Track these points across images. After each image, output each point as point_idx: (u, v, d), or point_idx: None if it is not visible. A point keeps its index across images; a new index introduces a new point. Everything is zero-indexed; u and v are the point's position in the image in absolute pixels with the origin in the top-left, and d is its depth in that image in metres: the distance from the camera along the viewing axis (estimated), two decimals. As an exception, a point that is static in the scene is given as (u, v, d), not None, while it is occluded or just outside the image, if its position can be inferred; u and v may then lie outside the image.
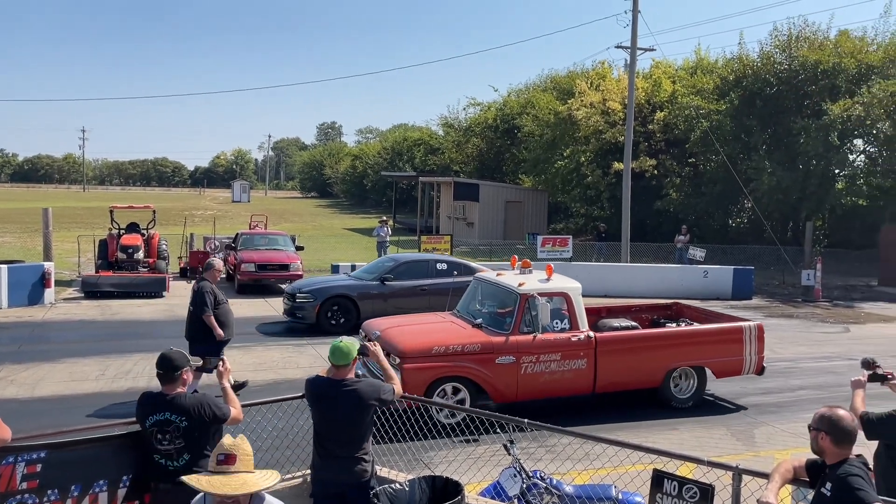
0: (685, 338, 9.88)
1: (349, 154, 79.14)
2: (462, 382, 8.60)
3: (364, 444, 4.52)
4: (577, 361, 8.97)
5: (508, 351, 8.68)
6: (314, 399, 4.61)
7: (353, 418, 4.45)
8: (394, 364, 8.44)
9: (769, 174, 25.76)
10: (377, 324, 9.83)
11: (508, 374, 8.70)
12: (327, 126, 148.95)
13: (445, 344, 8.61)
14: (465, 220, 36.18)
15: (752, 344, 9.91)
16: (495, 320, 9.21)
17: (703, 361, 9.73)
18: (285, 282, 18.96)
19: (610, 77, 35.32)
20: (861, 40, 27.15)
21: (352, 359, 4.52)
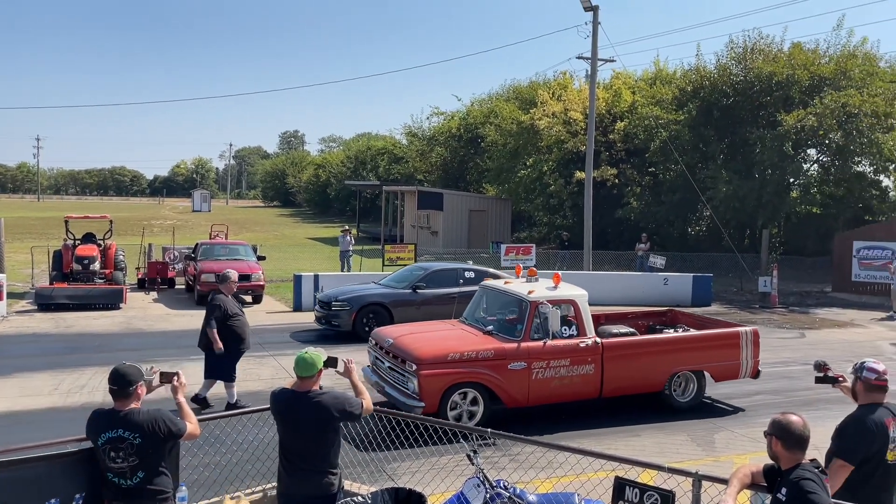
0: (687, 343, 10.21)
1: (312, 163, 78.64)
2: (476, 388, 8.77)
3: (330, 457, 4.45)
4: (585, 367, 9.21)
5: (520, 357, 8.89)
6: (279, 412, 4.54)
7: (317, 431, 4.39)
8: (410, 370, 8.62)
9: (726, 183, 26.30)
10: (388, 331, 9.96)
11: (520, 380, 8.90)
12: (290, 135, 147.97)
13: (460, 351, 8.78)
14: (429, 228, 36.18)
15: (748, 348, 10.26)
16: (505, 327, 9.42)
17: (702, 366, 10.05)
18: (246, 292, 18.74)
19: (571, 87, 35.74)
20: (814, 53, 27.93)
21: (316, 370, 4.46)
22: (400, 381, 8.87)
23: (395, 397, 8.84)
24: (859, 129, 24.90)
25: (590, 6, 22.40)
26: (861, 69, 26.28)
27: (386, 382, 9.17)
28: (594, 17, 22.70)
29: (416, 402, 8.49)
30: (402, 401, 8.64)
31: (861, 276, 22.82)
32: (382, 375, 9.35)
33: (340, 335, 14.27)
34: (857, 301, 22.00)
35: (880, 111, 25.16)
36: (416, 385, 8.50)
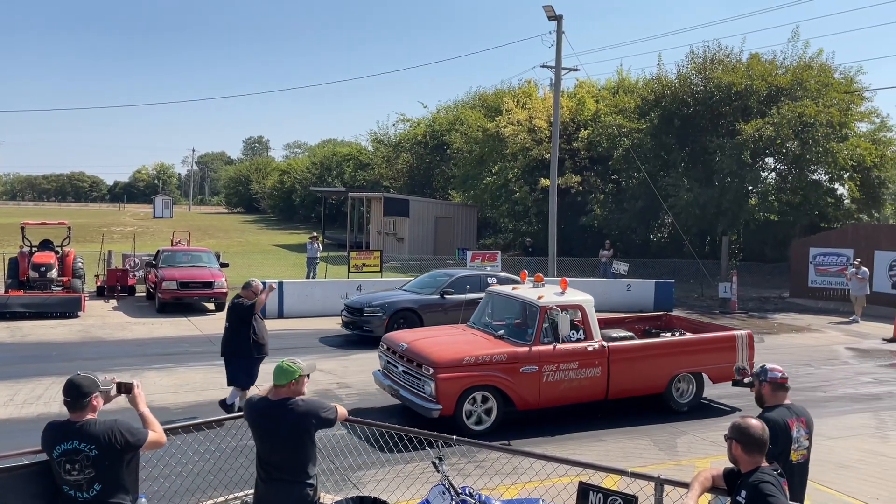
0: (687, 346, 10.56)
1: (277, 169, 77.90)
2: (490, 391, 8.96)
3: (306, 466, 4.42)
4: (592, 370, 9.49)
5: (531, 361, 9.10)
6: (254, 421, 4.51)
7: (292, 440, 4.37)
8: (426, 374, 8.80)
9: (687, 191, 26.76)
10: (401, 336, 10.11)
11: (532, 383, 9.12)
12: (254, 140, 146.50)
13: (475, 355, 8.96)
14: (395, 235, 36.12)
15: (743, 351, 10.63)
16: (516, 332, 9.64)
17: (701, 368, 10.39)
18: (209, 300, 18.50)
19: (536, 96, 36.06)
20: (771, 63, 28.60)
21: (293, 378, 4.44)
22: (416, 384, 9.04)
23: (411, 400, 9.01)
24: (815, 139, 25.57)
25: (554, 15, 22.65)
26: (816, 80, 26.99)
27: (400, 386, 9.34)
28: (558, 27, 22.96)
29: (433, 404, 8.68)
30: (419, 404, 8.84)
31: (817, 281, 23.40)
32: (396, 379, 9.52)
33: (366, 339, 14.45)
34: (813, 306, 22.55)
35: (835, 121, 25.88)
36: (433, 388, 8.69)
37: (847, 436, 9.42)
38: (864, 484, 7.71)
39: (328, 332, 16.08)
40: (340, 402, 9.76)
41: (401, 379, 9.38)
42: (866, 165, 27.18)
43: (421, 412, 8.78)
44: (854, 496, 7.33)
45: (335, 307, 18.31)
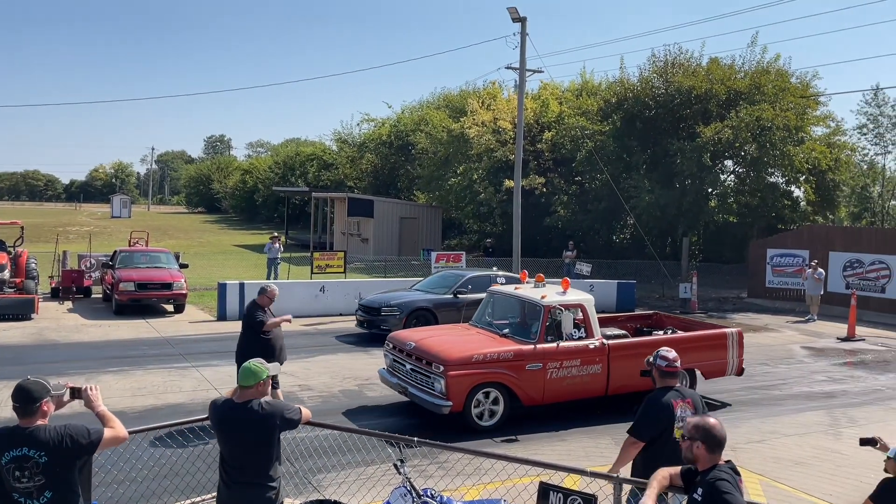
0: (681, 343, 10.64)
1: (239, 168, 76.91)
2: (497, 388, 9.20)
3: (270, 469, 4.38)
4: (593, 367, 9.80)
5: (536, 358, 9.38)
6: (217, 423, 4.44)
7: (257, 441, 4.33)
8: (437, 372, 9.04)
9: (648, 192, 27.14)
10: (407, 335, 10.32)
11: (537, 380, 9.40)
12: (216, 139, 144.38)
13: (483, 353, 9.19)
14: (359, 236, 35.94)
15: (734, 348, 11.05)
16: (520, 330, 9.92)
17: (694, 364, 10.66)
18: (167, 301, 18.17)
19: (500, 97, 36.22)
20: (730, 68, 29.13)
21: (259, 380, 4.40)
22: (425, 382, 9.25)
23: (420, 398, 9.21)
24: (772, 142, 26.13)
25: (518, 17, 22.76)
26: (774, 84, 27.58)
27: (408, 384, 9.52)
28: (522, 29, 23.08)
29: (443, 401, 8.90)
30: (429, 401, 9.04)
31: (774, 282, 23.92)
32: (403, 377, 9.72)
33: (381, 337, 14.21)
34: (770, 306, 23.04)
35: (791, 125, 26.48)
36: (443, 386, 8.91)
37: (802, 433, 9.62)
38: (819, 480, 7.87)
39: (227, 335, 15.63)
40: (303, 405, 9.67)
41: (409, 377, 9.59)
42: (821, 169, 27.87)
43: (431, 409, 9.02)
44: (809, 492, 7.49)
45: (298, 308, 18.12)
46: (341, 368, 12.62)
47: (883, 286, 21.16)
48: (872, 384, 12.79)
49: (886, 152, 32.36)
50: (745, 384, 11.90)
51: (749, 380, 11.91)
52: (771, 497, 7.14)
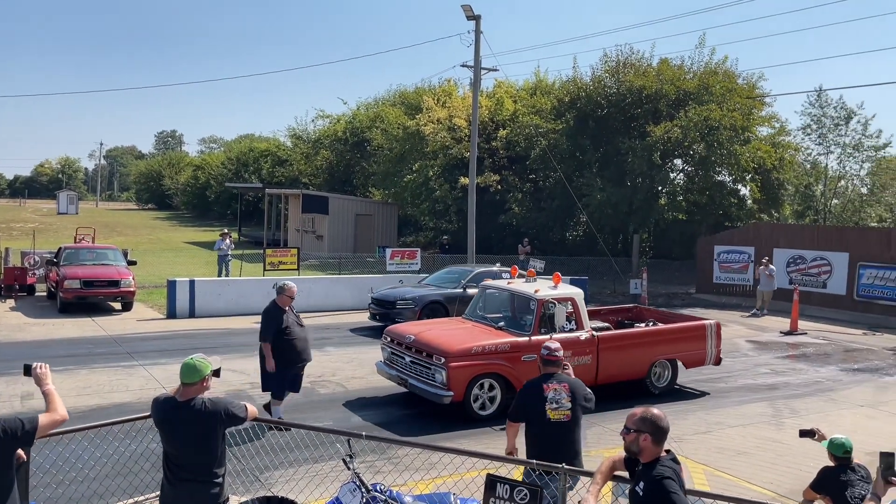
0: (664, 335, 11.47)
1: (191, 164, 75.38)
2: (495, 378, 9.61)
3: (215, 466, 4.33)
4: (584, 357, 10.24)
5: (532, 349, 9.53)
6: (160, 420, 4.36)
7: (201, 439, 4.27)
8: (438, 363, 9.38)
9: (600, 190, 27.54)
10: (405, 329, 10.67)
11: (532, 370, 9.58)
12: (167, 134, 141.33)
13: (482, 344, 9.59)
14: (314, 233, 35.61)
15: (712, 339, 11.68)
16: (515, 323, 10.33)
17: (676, 355, 11.38)
18: (115, 299, 17.77)
19: (456, 94, 36.28)
20: (679, 68, 29.75)
21: (201, 377, 4.32)
22: (425, 373, 9.61)
23: (421, 388, 9.57)
24: (720, 142, 26.77)
25: (472, 15, 22.84)
26: (721, 85, 28.26)
27: (408, 375, 9.88)
28: (476, 27, 23.17)
29: (444, 392, 9.27)
30: (431, 391, 9.40)
31: (721, 278, 24.52)
32: (403, 369, 10.05)
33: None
34: (717, 302, 23.62)
35: (738, 125, 27.18)
36: (444, 377, 9.27)
37: (745, 424, 9.90)
38: (761, 469, 8.12)
39: (176, 333, 15.62)
40: (253, 401, 9.56)
41: (408, 369, 9.94)
42: (767, 168, 28.67)
43: (433, 399, 9.39)
44: (751, 481, 7.71)
45: (249, 306, 17.92)
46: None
47: (824, 282, 21.89)
48: (813, 376, 13.23)
49: (829, 152, 33.37)
50: (693, 377, 12.17)
51: (696, 373, 12.20)
52: (714, 486, 7.33)
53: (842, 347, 16.37)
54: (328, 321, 17.54)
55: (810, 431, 5.51)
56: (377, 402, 10.44)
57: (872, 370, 13.96)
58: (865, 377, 13.31)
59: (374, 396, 10.72)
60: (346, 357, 13.40)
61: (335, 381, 11.65)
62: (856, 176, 34.21)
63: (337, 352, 13.90)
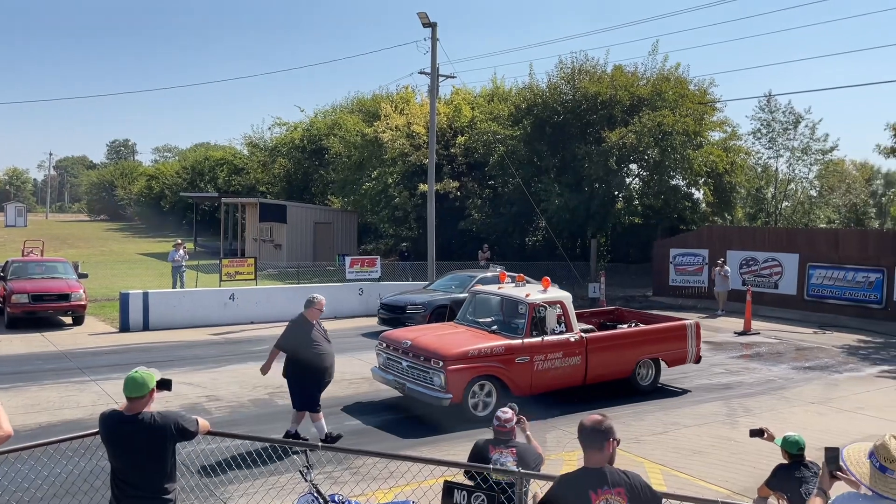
0: (648, 335, 11.92)
1: (144, 174, 73.98)
2: (491, 380, 9.91)
3: (165, 482, 4.22)
4: (574, 358, 10.66)
5: (524, 352, 10.14)
6: (108, 436, 4.24)
7: (150, 455, 4.16)
8: (436, 367, 9.57)
9: (558, 196, 27.81)
10: (400, 334, 10.91)
11: (525, 372, 10.17)
12: (119, 144, 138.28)
13: (478, 348, 9.89)
14: (272, 242, 35.21)
15: (693, 338, 12.18)
16: (507, 326, 10.68)
17: (659, 354, 11.87)
18: (65, 313, 17.31)
19: (414, 101, 36.29)
20: (633, 75, 30.22)
21: (147, 391, 4.21)
22: (423, 377, 9.82)
23: (419, 392, 9.80)
24: (673, 147, 27.27)
25: (428, 23, 22.88)
26: (674, 91, 28.80)
27: (406, 379, 10.10)
28: (433, 34, 23.22)
29: (443, 394, 9.51)
30: (429, 394, 9.63)
31: (677, 280, 24.97)
32: (400, 374, 10.26)
33: None
34: (674, 304, 24.01)
35: (690, 130, 27.73)
36: (442, 380, 9.51)
37: (700, 423, 10.07)
38: (716, 468, 8.26)
39: (132, 347, 15.32)
40: (209, 415, 9.42)
41: (406, 373, 10.17)
42: (719, 172, 29.30)
43: (432, 402, 9.61)
44: (706, 480, 7.84)
45: (205, 317, 17.66)
46: (251, 377, 12.31)
47: (776, 282, 22.45)
48: (766, 375, 13.54)
49: (778, 156, 34.31)
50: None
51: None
52: (671, 486, 7.43)
53: (793, 346, 16.78)
54: (287, 331, 17.33)
55: (760, 431, 5.63)
56: (338, 410, 10.35)
57: (822, 368, 14.34)
58: (816, 375, 13.67)
59: (334, 406, 10.63)
60: (305, 367, 13.24)
61: (294, 391, 11.49)
62: (805, 179, 35.29)
63: (296, 362, 13.72)
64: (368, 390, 11.48)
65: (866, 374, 13.81)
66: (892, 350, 16.51)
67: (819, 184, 36.03)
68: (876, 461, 3.06)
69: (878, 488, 3.03)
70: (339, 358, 13.59)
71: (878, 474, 3.03)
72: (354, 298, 20.04)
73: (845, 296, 20.72)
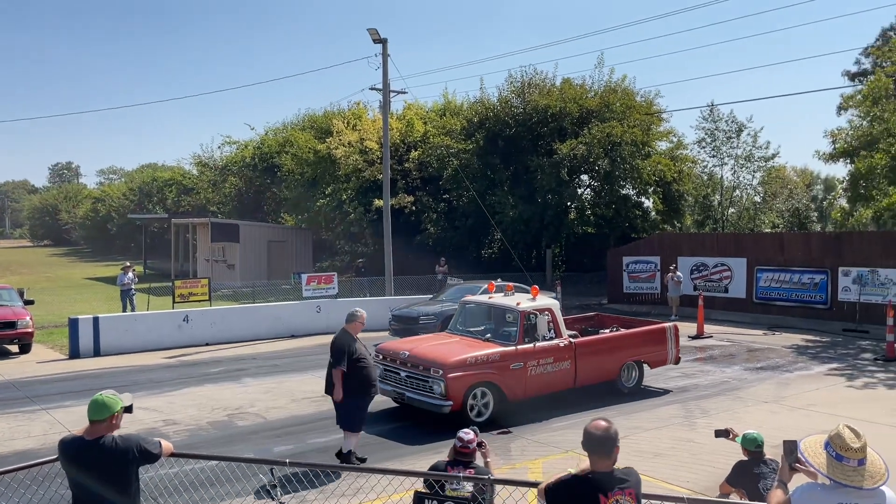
0: (632, 339, 12.47)
1: (90, 196, 72.25)
2: (487, 387, 10.23)
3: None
4: (564, 363, 11.07)
5: (518, 358, 10.54)
6: (68, 462, 4.11)
7: (113, 480, 4.05)
8: (436, 376, 9.86)
9: (512, 207, 28.10)
10: (397, 345, 11.22)
11: (519, 378, 10.57)
12: (62, 167, 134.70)
13: (475, 356, 10.20)
14: (225, 262, 34.65)
15: (672, 340, 12.77)
16: (500, 334, 10.96)
17: (642, 357, 12.38)
18: (11, 342, 16.72)
19: (366, 117, 36.30)
20: (581, 87, 30.84)
21: (110, 414, 4.11)
22: (423, 386, 10.09)
23: (419, 400, 10.06)
24: (622, 157, 27.86)
25: (379, 39, 22.97)
26: (621, 103, 29.46)
27: (405, 389, 10.36)
28: (384, 50, 23.31)
29: (443, 402, 9.80)
30: (430, 402, 9.92)
31: (631, 287, 25.40)
32: (398, 384, 10.50)
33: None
34: (629, 311, 24.35)
35: (638, 140, 28.38)
36: (442, 388, 9.79)
37: (659, 426, 10.26)
38: (677, 469, 8.41)
39: (81, 374, 14.90)
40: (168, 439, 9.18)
41: (404, 383, 10.41)
42: (667, 180, 30.02)
43: (432, 409, 9.90)
44: (668, 481, 7.98)
45: (159, 341, 17.30)
46: (209, 399, 12.11)
47: (726, 286, 23.03)
48: (720, 377, 13.86)
49: (723, 164, 35.34)
50: (609, 384, 12.51)
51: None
52: (635, 488, 7.52)
53: (745, 348, 17.23)
54: (244, 351, 17.07)
55: (725, 431, 5.80)
56: (302, 430, 10.22)
57: (774, 368, 14.76)
58: (768, 375, 14.06)
59: (297, 425, 10.50)
60: (263, 388, 13.07)
61: (254, 412, 11.33)
62: (749, 185, 36.42)
63: (255, 382, 13.54)
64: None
65: (815, 373, 14.26)
66: (839, 348, 17.10)
67: (763, 190, 37.23)
68: (832, 450, 3.18)
69: (836, 476, 3.15)
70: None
71: (835, 463, 3.16)
72: (312, 316, 19.84)
73: (792, 297, 21.37)
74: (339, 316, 21.16)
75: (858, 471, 3.13)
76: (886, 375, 13.90)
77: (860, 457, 3.14)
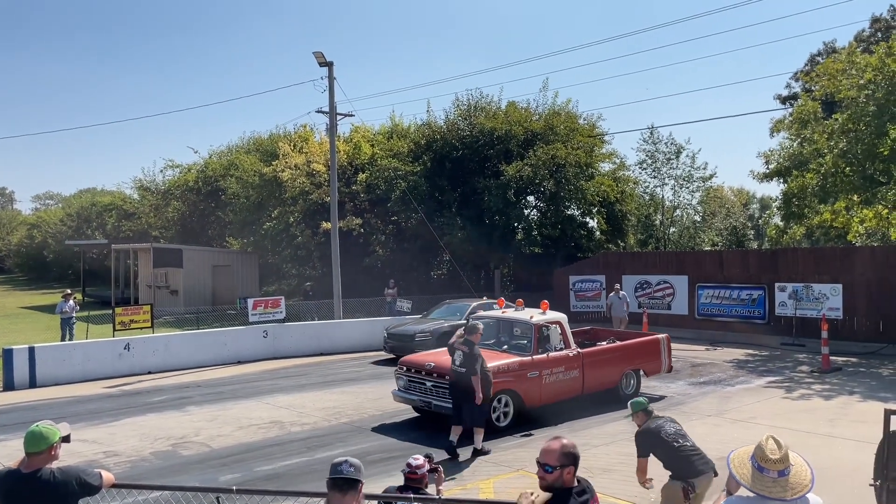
0: (631, 349, 13.46)
1: (24, 223, 69.98)
2: (508, 394, 11.09)
3: None
4: (573, 372, 12.02)
5: (535, 367, 11.44)
6: (4, 497, 3.97)
7: None
8: None
9: (460, 229, 28.29)
10: (422, 358, 11.93)
11: (536, 385, 11.48)
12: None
13: (497, 365, 10.85)
14: (168, 288, 33.84)
15: (665, 350, 13.76)
16: (516, 346, 11.92)
17: (639, 366, 13.38)
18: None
19: (313, 140, 36.14)
20: (526, 111, 31.38)
21: (48, 445, 3.97)
22: (449, 395, 10.50)
23: (447, 408, 10.51)
24: (567, 178, 28.39)
25: (325, 62, 23.00)
26: (565, 125, 30.07)
27: (432, 398, 11.08)
28: (330, 73, 23.34)
29: None
30: None
31: (578, 306, 25.78)
32: (425, 394, 11.24)
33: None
34: (577, 329, 24.74)
35: (582, 162, 28.97)
36: None
37: (608, 442, 10.39)
38: (625, 485, 8.51)
39: (17, 406, 14.49)
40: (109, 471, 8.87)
41: (431, 393, 11.13)
42: (610, 201, 30.66)
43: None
44: (617, 496, 8.09)
45: (98, 370, 16.79)
46: (152, 429, 11.76)
47: (668, 303, 23.59)
48: (665, 392, 14.14)
49: (664, 184, 36.35)
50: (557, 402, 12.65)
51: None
52: (585, 504, 7.60)
53: (689, 363, 17.63)
54: (188, 379, 16.66)
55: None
56: (249, 458, 10.01)
57: (716, 382, 15.14)
58: (710, 389, 14.42)
59: (244, 452, 10.29)
60: (209, 415, 12.77)
61: (199, 440, 11.05)
62: (689, 205, 37.53)
63: (200, 410, 13.21)
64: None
65: (756, 386, 14.69)
66: (778, 361, 17.66)
67: (702, 209, 38.40)
68: (755, 462, 3.12)
69: (757, 488, 3.07)
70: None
71: (757, 474, 3.09)
72: (259, 341, 19.51)
73: (732, 313, 22.02)
74: (288, 341, 21.09)
75: (779, 482, 3.04)
76: (822, 387, 14.42)
77: (780, 468, 3.05)
